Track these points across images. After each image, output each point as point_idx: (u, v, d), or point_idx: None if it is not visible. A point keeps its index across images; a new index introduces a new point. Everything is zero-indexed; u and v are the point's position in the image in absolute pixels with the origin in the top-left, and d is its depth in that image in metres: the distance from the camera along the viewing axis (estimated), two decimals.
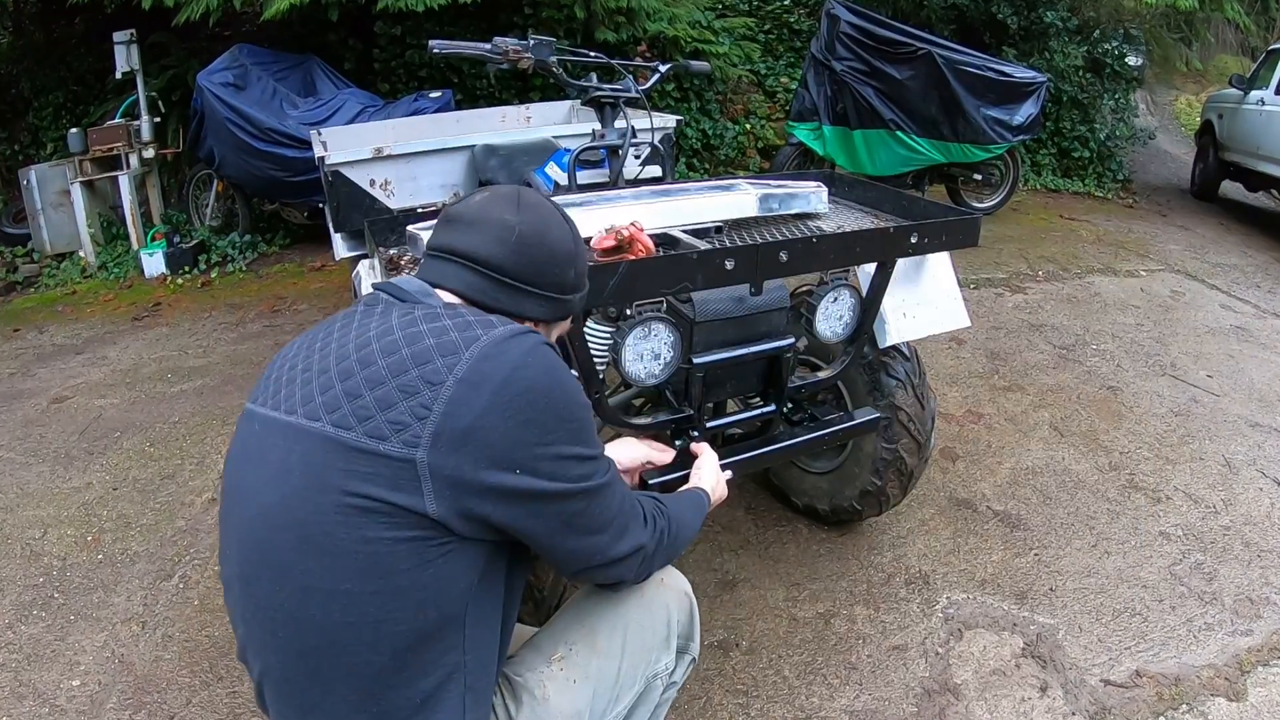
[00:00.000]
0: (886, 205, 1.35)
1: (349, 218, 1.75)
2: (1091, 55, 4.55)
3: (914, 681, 1.22)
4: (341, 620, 0.56)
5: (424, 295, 0.65)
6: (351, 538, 0.55)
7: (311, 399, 0.58)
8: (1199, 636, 1.32)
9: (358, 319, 0.64)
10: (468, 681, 0.61)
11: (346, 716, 0.59)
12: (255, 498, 0.59)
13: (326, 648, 0.57)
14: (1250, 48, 6.79)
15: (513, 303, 0.66)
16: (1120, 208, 4.37)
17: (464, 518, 0.56)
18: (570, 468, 0.60)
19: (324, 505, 0.55)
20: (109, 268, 3.31)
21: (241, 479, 0.62)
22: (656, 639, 0.75)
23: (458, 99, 3.26)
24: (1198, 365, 2.37)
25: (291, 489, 0.57)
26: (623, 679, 0.72)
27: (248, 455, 0.62)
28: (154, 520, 1.66)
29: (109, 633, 1.34)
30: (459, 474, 0.55)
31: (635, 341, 0.98)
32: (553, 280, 0.68)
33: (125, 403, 2.19)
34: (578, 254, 0.70)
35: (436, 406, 0.55)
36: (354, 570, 0.55)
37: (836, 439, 1.26)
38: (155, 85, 3.43)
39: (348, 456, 0.55)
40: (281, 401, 0.60)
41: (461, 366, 0.56)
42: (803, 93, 3.48)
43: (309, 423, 0.57)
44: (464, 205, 0.68)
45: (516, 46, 1.29)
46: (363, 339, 0.60)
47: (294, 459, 0.57)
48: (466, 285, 0.66)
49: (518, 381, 0.57)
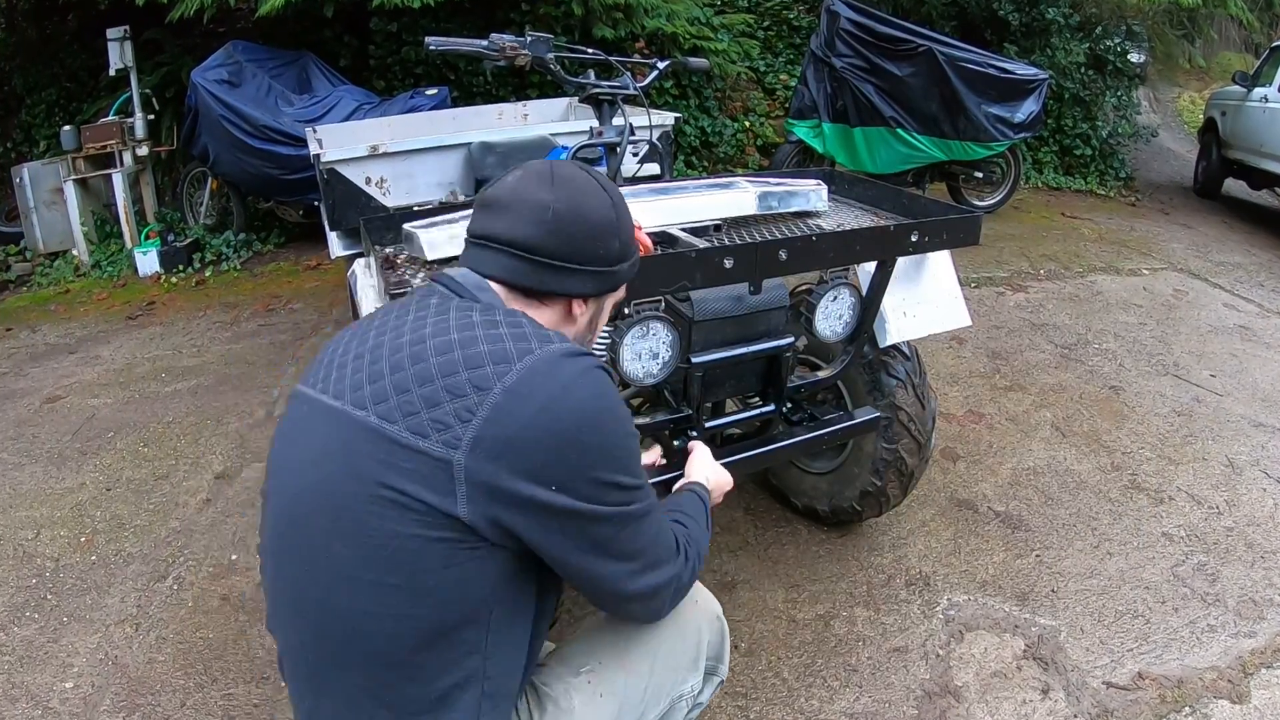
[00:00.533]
0: (887, 203, 1.34)
1: (344, 216, 1.73)
2: (1093, 52, 4.54)
3: (914, 684, 1.21)
4: (363, 609, 0.57)
5: (480, 291, 0.64)
6: (382, 530, 0.55)
7: (360, 387, 0.58)
8: (1202, 638, 1.31)
9: (413, 310, 0.63)
10: (486, 688, 0.60)
11: (359, 702, 0.59)
12: (295, 478, 0.60)
13: (347, 633, 0.58)
14: (1254, 44, 6.78)
15: (558, 283, 0.65)
16: (1122, 206, 4.36)
17: (493, 524, 0.56)
18: (608, 493, 0.59)
19: (359, 494, 0.55)
20: (102, 266, 3.30)
21: (285, 457, 0.62)
22: (685, 660, 0.75)
23: (454, 96, 3.24)
24: (1201, 365, 2.36)
25: (330, 473, 0.57)
26: (648, 698, 0.72)
27: (293, 435, 0.62)
28: (148, 521, 1.65)
29: (102, 634, 1.33)
30: (493, 481, 0.55)
31: (633, 341, 0.97)
32: (596, 254, 0.66)
33: (119, 402, 2.17)
34: (619, 222, 0.68)
35: (480, 412, 0.55)
36: (380, 561, 0.56)
37: (836, 439, 1.26)
38: (149, 82, 3.41)
39: (388, 449, 0.55)
40: (330, 385, 0.61)
41: (511, 376, 0.56)
42: (802, 90, 3.46)
43: (354, 410, 0.57)
44: (498, 187, 0.67)
45: (513, 43, 1.28)
46: (418, 334, 0.60)
47: (335, 444, 0.58)
48: (509, 272, 0.65)
49: (566, 401, 0.56)
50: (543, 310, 0.67)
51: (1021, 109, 3.35)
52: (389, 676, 0.58)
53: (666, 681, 0.73)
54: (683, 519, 0.74)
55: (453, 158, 1.86)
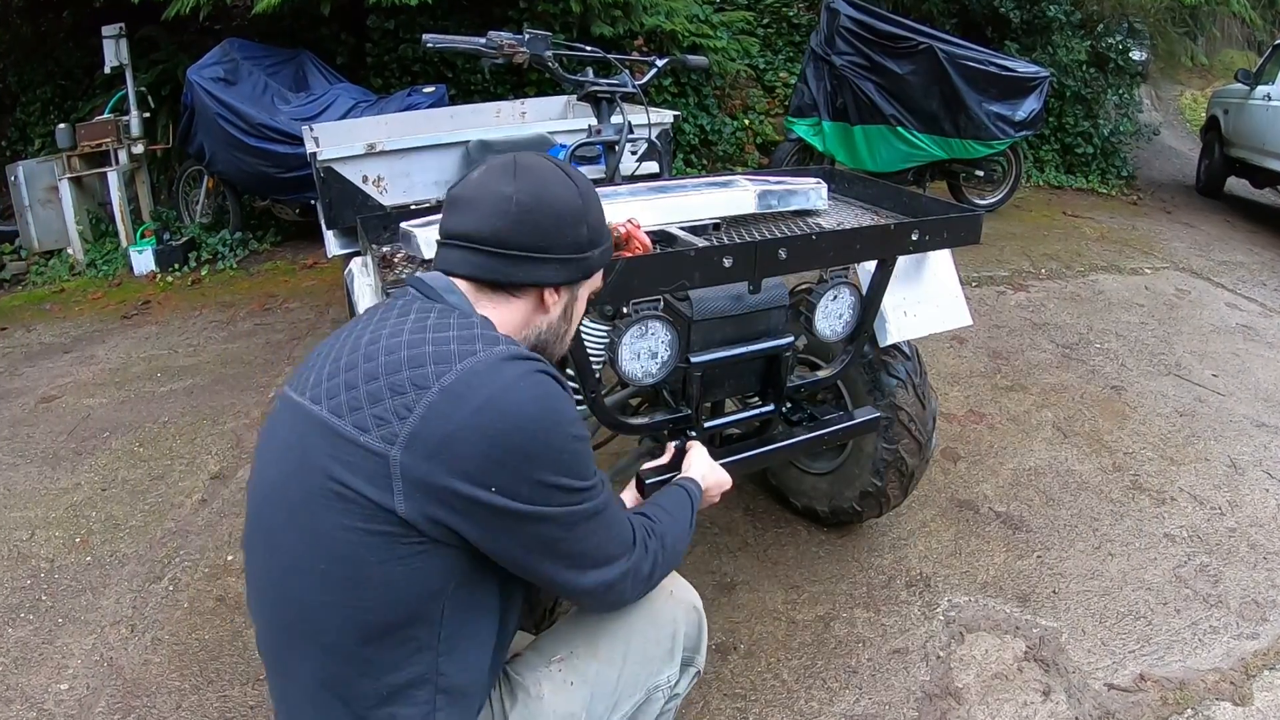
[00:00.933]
0: (887, 202, 1.33)
1: (341, 215, 1.72)
2: (1095, 50, 4.52)
3: (915, 685, 1.20)
4: (315, 600, 0.59)
5: (448, 292, 0.66)
6: (331, 522, 0.57)
7: (320, 384, 0.61)
8: (1204, 640, 1.31)
9: (381, 313, 0.65)
10: (440, 684, 0.61)
11: (316, 692, 0.60)
12: (263, 472, 0.63)
13: (302, 623, 0.60)
14: (1256, 42, 6.76)
15: (527, 274, 0.66)
16: (1124, 204, 4.35)
17: (432, 522, 0.57)
18: (552, 495, 0.59)
19: (312, 487, 0.58)
20: (98, 265, 3.28)
21: (259, 454, 0.65)
22: (660, 650, 0.75)
23: (452, 94, 3.23)
24: (1203, 364, 2.35)
25: (290, 468, 0.60)
26: (622, 687, 0.72)
27: (268, 432, 0.66)
28: (143, 522, 1.64)
29: (98, 636, 1.33)
30: (430, 479, 0.56)
31: (632, 340, 0.97)
32: (564, 241, 0.67)
33: (114, 402, 2.16)
34: (586, 208, 0.68)
35: (417, 410, 0.56)
36: (330, 553, 0.57)
37: (836, 439, 1.25)
38: (145, 80, 3.39)
39: (335, 443, 0.57)
40: (304, 384, 0.63)
41: (450, 376, 0.57)
42: (802, 88, 3.45)
43: (312, 406, 0.60)
44: (463, 185, 0.68)
45: (511, 41, 1.27)
46: (376, 334, 0.62)
47: (295, 439, 0.60)
48: (476, 268, 0.65)
49: (502, 403, 0.57)
50: (514, 303, 0.67)
51: (1023, 107, 3.34)
52: (341, 669, 0.59)
53: (640, 672, 0.73)
54: (653, 512, 0.75)
55: (450, 156, 1.85)
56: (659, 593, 0.74)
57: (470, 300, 0.66)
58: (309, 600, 0.59)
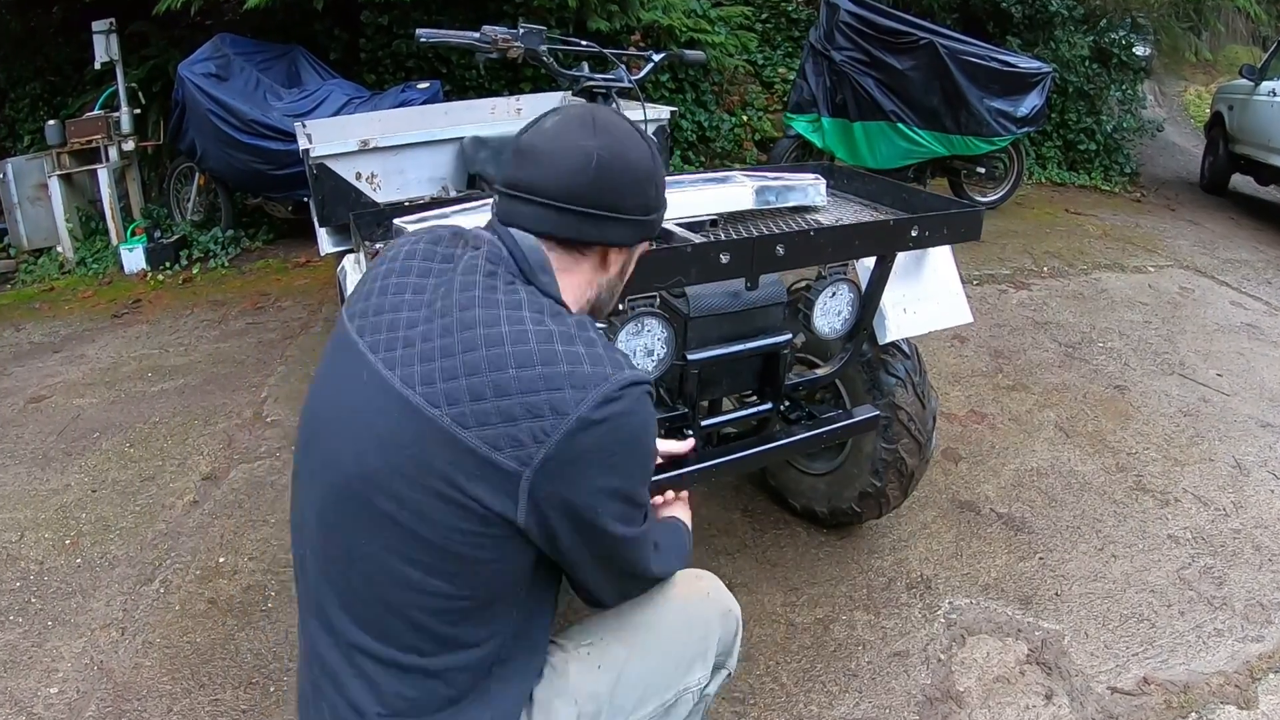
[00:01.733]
0: (886, 198, 1.33)
1: (334, 212, 1.70)
2: (1098, 45, 4.49)
3: (915, 689, 1.19)
4: (405, 587, 0.60)
5: (541, 270, 0.64)
6: (444, 524, 0.58)
7: (432, 381, 0.59)
8: (1208, 643, 1.29)
9: (461, 273, 0.63)
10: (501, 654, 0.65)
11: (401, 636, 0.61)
12: (358, 457, 0.61)
13: (376, 599, 0.62)
14: (1261, 37, 6.74)
15: (598, 232, 0.66)
16: (1127, 202, 4.33)
17: (541, 527, 0.60)
18: (634, 515, 0.64)
19: (427, 488, 0.58)
20: (88, 263, 3.26)
21: (342, 426, 0.62)
22: (692, 651, 0.75)
23: (446, 90, 3.21)
24: (1207, 364, 2.34)
25: (398, 462, 0.59)
26: (650, 680, 0.73)
27: (354, 406, 0.62)
28: (134, 523, 1.62)
29: (88, 639, 1.31)
30: (553, 494, 0.59)
31: (628, 338, 0.96)
32: (637, 202, 0.67)
33: (104, 402, 2.14)
34: (657, 170, 0.69)
35: (555, 436, 0.57)
36: (439, 550, 0.59)
37: (835, 438, 1.24)
38: (135, 76, 3.36)
39: (459, 452, 0.57)
40: (397, 363, 0.60)
41: (586, 404, 0.58)
42: (801, 84, 3.43)
43: (427, 406, 0.58)
44: (536, 134, 0.67)
45: (506, 35, 1.25)
46: (490, 320, 0.60)
47: (407, 436, 0.59)
48: (551, 225, 0.65)
49: (624, 428, 0.60)
50: (582, 263, 0.68)
51: (1024, 103, 3.32)
52: (420, 645, 0.61)
53: (671, 669, 0.74)
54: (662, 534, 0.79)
55: (445, 152, 1.83)
56: (696, 593, 0.77)
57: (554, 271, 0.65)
58: (397, 584, 0.60)
